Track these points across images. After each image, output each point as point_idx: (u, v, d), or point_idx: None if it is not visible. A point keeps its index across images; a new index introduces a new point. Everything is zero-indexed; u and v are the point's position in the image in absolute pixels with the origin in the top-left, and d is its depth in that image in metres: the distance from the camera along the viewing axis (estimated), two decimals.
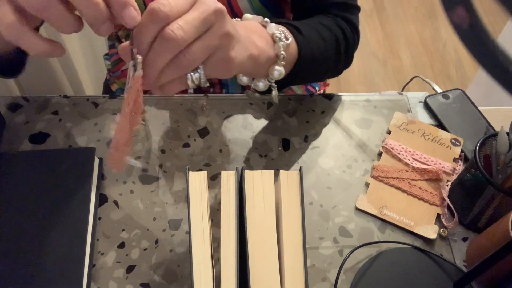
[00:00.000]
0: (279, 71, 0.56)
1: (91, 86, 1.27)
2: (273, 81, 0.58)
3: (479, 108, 0.76)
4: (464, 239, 0.64)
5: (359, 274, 0.60)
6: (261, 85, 0.58)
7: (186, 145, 0.71)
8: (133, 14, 0.42)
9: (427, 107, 0.76)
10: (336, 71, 0.72)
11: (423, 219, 0.64)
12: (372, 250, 0.62)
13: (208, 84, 0.48)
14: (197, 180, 0.49)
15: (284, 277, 0.47)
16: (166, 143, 0.71)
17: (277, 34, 0.55)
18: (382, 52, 2.15)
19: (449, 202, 0.65)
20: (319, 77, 0.72)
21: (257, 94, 0.60)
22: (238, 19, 0.56)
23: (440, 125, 0.74)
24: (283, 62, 0.56)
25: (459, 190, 0.65)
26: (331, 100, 0.77)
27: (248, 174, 0.49)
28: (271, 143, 0.71)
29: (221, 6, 0.44)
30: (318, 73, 0.69)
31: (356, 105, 0.77)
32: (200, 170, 0.59)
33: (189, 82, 0.46)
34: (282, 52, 0.55)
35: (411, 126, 0.73)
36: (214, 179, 0.68)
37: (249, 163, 0.69)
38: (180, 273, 0.60)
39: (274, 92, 0.59)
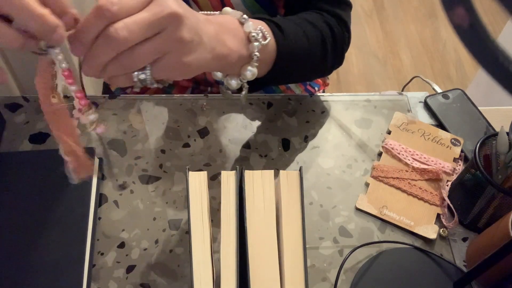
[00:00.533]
0: (251, 71, 0.55)
1: (91, 86, 1.27)
2: (245, 81, 0.56)
3: (479, 108, 0.76)
4: (464, 239, 0.64)
5: (359, 274, 0.60)
6: (234, 83, 0.56)
7: (186, 145, 0.71)
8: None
9: (427, 107, 0.76)
10: (324, 70, 0.70)
11: (423, 219, 0.64)
12: (372, 250, 0.62)
13: (156, 85, 0.46)
14: (197, 180, 0.49)
15: (284, 277, 0.47)
16: (166, 143, 0.71)
17: (253, 34, 0.53)
18: (382, 52, 2.15)
19: (449, 202, 0.65)
20: (304, 77, 0.70)
21: (229, 92, 0.58)
22: (216, 12, 0.54)
23: (440, 125, 0.74)
24: (256, 63, 0.55)
25: (459, 190, 0.65)
26: (331, 100, 0.77)
27: (248, 174, 0.49)
28: (271, 143, 0.71)
29: (177, 9, 0.42)
30: (302, 73, 0.67)
31: (356, 105, 0.77)
32: (200, 170, 0.59)
33: (135, 80, 0.45)
34: (256, 53, 0.54)
35: (411, 126, 0.73)
36: (214, 179, 0.68)
37: (249, 163, 0.69)
38: (180, 273, 0.60)
39: (244, 92, 0.58)
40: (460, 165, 0.70)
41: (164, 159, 0.69)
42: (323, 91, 0.97)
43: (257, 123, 0.73)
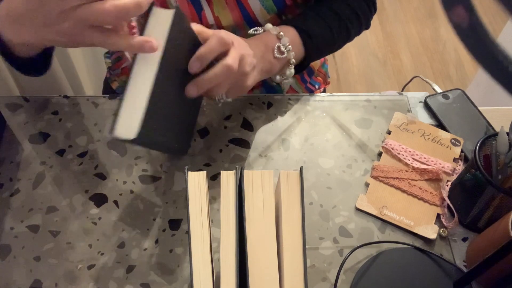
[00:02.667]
0: (290, 71, 0.71)
1: (91, 86, 1.27)
2: (285, 77, 0.71)
3: (479, 108, 0.76)
4: (464, 239, 0.64)
5: (359, 274, 0.60)
6: (278, 78, 0.72)
7: None
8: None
9: (427, 107, 0.76)
10: (349, 41, 0.81)
11: (423, 219, 0.64)
12: (372, 250, 0.62)
13: (230, 100, 0.64)
14: (197, 180, 0.49)
15: (283, 277, 0.47)
16: None
17: (289, 47, 0.68)
18: (382, 52, 2.15)
19: (449, 202, 0.65)
20: (331, 53, 0.81)
21: (274, 83, 0.75)
22: (260, 29, 0.70)
23: (440, 125, 0.74)
24: (293, 66, 0.71)
25: (459, 190, 0.65)
26: (331, 100, 0.77)
27: (247, 174, 0.49)
28: (271, 143, 0.71)
29: (242, 53, 0.59)
30: (329, 53, 0.80)
31: (356, 105, 0.77)
32: (200, 170, 0.59)
33: (216, 100, 0.63)
34: (293, 59, 0.69)
35: (411, 126, 0.73)
36: (214, 179, 0.68)
37: (249, 163, 0.69)
38: (180, 273, 0.60)
39: (285, 83, 0.73)
40: (460, 165, 0.70)
41: (164, 159, 0.69)
42: (324, 89, 0.97)
43: (257, 123, 0.73)
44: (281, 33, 0.68)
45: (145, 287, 0.59)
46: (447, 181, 0.67)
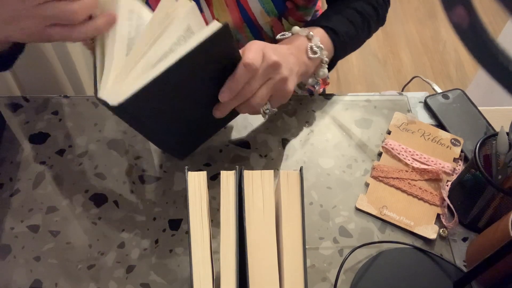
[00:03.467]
0: (323, 71, 0.70)
1: (91, 86, 1.27)
2: (319, 78, 0.71)
3: (479, 108, 0.76)
4: (464, 239, 0.64)
5: (359, 274, 0.60)
6: (311, 81, 0.70)
7: None
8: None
9: (427, 107, 0.76)
10: (368, 38, 0.83)
11: (423, 219, 0.64)
12: (372, 250, 0.62)
13: (276, 110, 0.64)
14: (196, 180, 0.49)
15: (283, 277, 0.47)
16: None
17: (320, 46, 0.67)
18: (382, 52, 2.15)
19: (449, 202, 0.65)
20: (355, 50, 0.82)
21: (300, 90, 0.74)
22: (289, 33, 0.69)
23: (440, 125, 0.74)
24: (326, 65, 0.69)
25: (459, 190, 0.65)
26: (331, 100, 0.77)
27: (247, 174, 0.49)
28: (271, 143, 0.71)
29: (276, 59, 0.58)
30: (353, 49, 0.80)
31: (356, 105, 0.77)
32: (200, 170, 0.59)
33: (262, 113, 0.63)
34: (325, 58, 0.68)
35: (411, 126, 0.73)
36: (214, 179, 0.68)
37: (249, 163, 0.69)
38: (180, 273, 0.60)
39: (317, 87, 0.73)
40: (460, 165, 0.70)
41: (164, 159, 0.69)
42: (324, 90, 0.97)
43: (257, 123, 0.73)
44: (311, 33, 0.67)
45: (145, 287, 0.59)
46: (447, 181, 0.67)
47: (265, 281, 0.47)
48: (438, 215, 0.65)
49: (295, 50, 0.66)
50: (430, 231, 0.63)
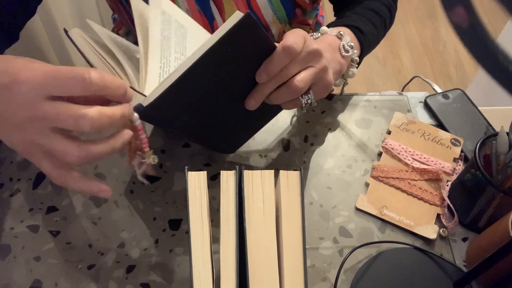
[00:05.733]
0: (353, 72, 0.69)
1: None
2: (347, 79, 0.70)
3: (479, 108, 0.76)
4: (464, 239, 0.64)
5: (359, 274, 0.60)
6: (338, 81, 0.69)
7: (186, 145, 0.71)
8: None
9: (427, 107, 0.76)
10: (383, 38, 0.83)
11: (423, 219, 0.64)
12: (372, 250, 0.62)
13: (315, 104, 0.60)
14: (196, 180, 0.49)
15: (283, 277, 0.47)
16: (166, 143, 0.71)
17: (351, 44, 0.67)
18: (382, 52, 2.15)
19: (449, 202, 0.65)
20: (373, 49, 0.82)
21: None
22: (317, 33, 0.67)
23: (440, 125, 0.74)
24: (356, 65, 0.69)
25: (459, 190, 0.65)
26: (331, 100, 0.77)
27: (247, 174, 0.49)
28: (271, 143, 0.71)
29: (318, 47, 0.56)
30: (372, 49, 0.80)
31: (356, 105, 0.77)
32: (200, 170, 0.59)
33: (303, 104, 0.59)
34: (356, 58, 0.68)
35: (411, 126, 0.73)
36: (214, 179, 0.68)
37: (249, 163, 0.69)
38: (180, 273, 0.60)
39: (342, 88, 0.73)
40: (460, 165, 0.70)
41: (164, 159, 0.69)
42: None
43: None
44: (341, 32, 0.67)
45: (145, 287, 0.59)
46: (447, 181, 0.67)
47: (265, 281, 0.47)
48: (438, 215, 0.65)
49: (329, 48, 0.65)
50: (430, 231, 0.63)
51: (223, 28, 0.49)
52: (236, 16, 0.49)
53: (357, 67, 0.70)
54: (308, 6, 0.78)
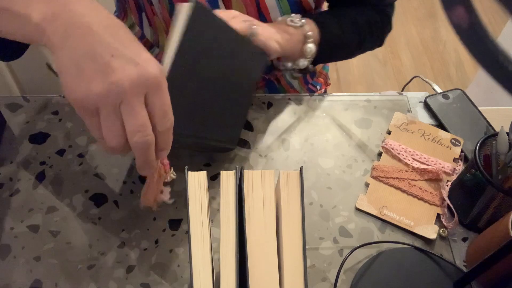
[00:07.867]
0: (310, 47, 0.71)
1: None
2: (309, 57, 0.72)
3: (479, 108, 0.76)
4: (464, 239, 0.64)
5: (359, 274, 0.60)
6: (302, 61, 0.72)
7: None
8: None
9: (427, 107, 0.76)
10: (363, 51, 0.83)
11: (423, 219, 0.64)
12: (372, 250, 0.62)
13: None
14: (196, 180, 0.49)
15: (283, 277, 0.47)
16: None
17: (303, 21, 0.70)
18: (382, 52, 2.15)
19: (449, 202, 0.65)
20: (346, 57, 0.83)
21: (299, 74, 0.77)
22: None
23: (440, 125, 0.74)
24: (311, 41, 0.71)
25: (459, 190, 0.65)
26: (331, 100, 0.77)
27: (246, 174, 0.49)
28: (271, 143, 0.71)
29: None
30: (343, 54, 0.81)
31: (356, 105, 0.77)
32: (200, 170, 0.59)
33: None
34: (309, 32, 0.70)
35: (411, 126, 0.73)
36: (214, 179, 0.68)
37: (249, 163, 0.69)
38: (180, 273, 0.60)
39: (310, 66, 0.74)
40: (460, 165, 0.70)
41: None
42: (325, 90, 0.97)
43: (257, 123, 0.73)
44: (292, 14, 0.71)
45: (145, 287, 0.59)
46: (447, 181, 0.67)
47: (265, 281, 0.47)
48: (438, 215, 0.65)
49: (274, 23, 0.71)
50: (430, 231, 0.63)
51: (179, 23, 0.51)
52: (185, 8, 0.50)
53: (314, 65, 0.74)
54: (312, 10, 0.78)
